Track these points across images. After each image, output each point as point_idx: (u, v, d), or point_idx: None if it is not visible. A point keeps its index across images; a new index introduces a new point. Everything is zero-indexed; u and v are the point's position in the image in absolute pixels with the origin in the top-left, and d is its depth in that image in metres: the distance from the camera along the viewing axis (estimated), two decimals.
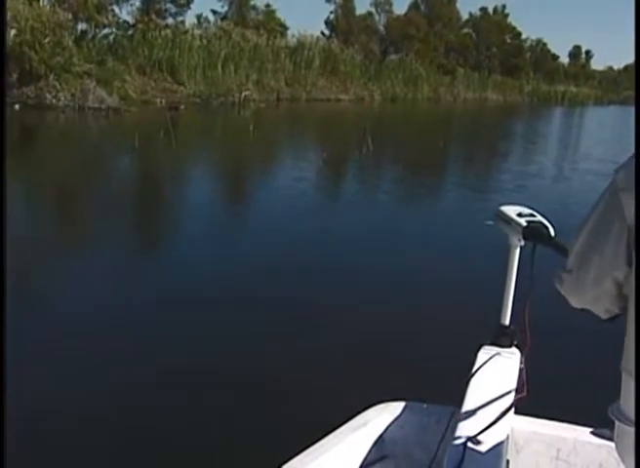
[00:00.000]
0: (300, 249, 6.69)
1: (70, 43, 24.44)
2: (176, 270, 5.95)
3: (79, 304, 4.94)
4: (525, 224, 2.08)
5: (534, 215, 2.14)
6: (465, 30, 55.37)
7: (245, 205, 9.47)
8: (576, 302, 1.21)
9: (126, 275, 5.75)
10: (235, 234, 7.52)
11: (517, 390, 1.97)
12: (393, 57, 46.34)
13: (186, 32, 32.25)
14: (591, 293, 1.15)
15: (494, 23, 55.45)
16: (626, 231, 1.01)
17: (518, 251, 2.20)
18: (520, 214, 2.15)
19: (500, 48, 57.26)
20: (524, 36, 62.75)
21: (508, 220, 2.16)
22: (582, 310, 1.25)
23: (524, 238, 2.10)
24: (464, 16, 55.52)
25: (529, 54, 64.09)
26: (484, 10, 56.04)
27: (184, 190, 10.44)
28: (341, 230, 7.67)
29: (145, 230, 7.95)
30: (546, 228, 2.06)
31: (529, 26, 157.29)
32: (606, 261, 1.07)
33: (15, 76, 21.80)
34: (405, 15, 49.31)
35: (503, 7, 57.79)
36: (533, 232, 2.06)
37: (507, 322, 2.26)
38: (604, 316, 1.19)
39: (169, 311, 4.86)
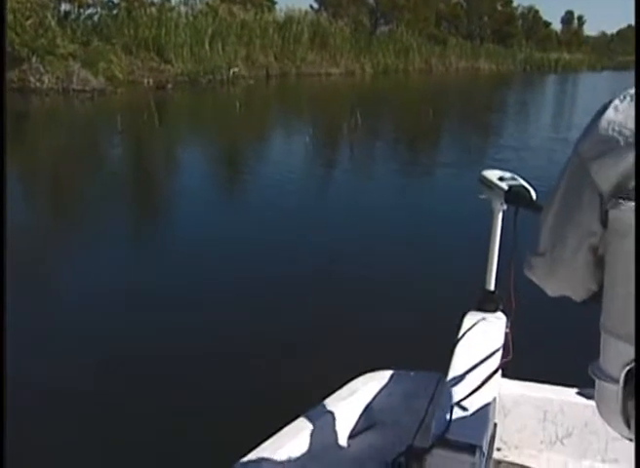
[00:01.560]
0: (287, 223, 6.73)
1: (53, 24, 24.06)
2: (168, 251, 5.96)
3: (75, 286, 4.99)
4: (506, 188, 2.08)
5: (515, 179, 2.15)
6: None
7: (229, 184, 9.34)
8: (552, 287, 1.19)
9: (117, 257, 5.73)
10: (222, 211, 7.49)
11: (503, 354, 1.99)
12: (384, 28, 45.78)
13: (172, 10, 31.74)
14: (569, 270, 1.11)
15: None
16: (598, 197, 0.99)
17: (501, 215, 2.21)
18: (501, 179, 2.14)
19: (491, 16, 56.65)
20: (515, 4, 62.11)
21: (490, 185, 2.16)
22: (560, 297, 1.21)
23: (506, 202, 2.11)
24: None
25: (521, 21, 63.46)
26: None
27: (168, 171, 10.33)
28: (326, 203, 7.76)
29: (131, 211, 7.82)
30: (528, 191, 2.06)
31: None
32: (581, 230, 1.05)
33: None
34: None
35: None
36: (514, 196, 2.06)
37: (492, 287, 2.27)
38: (584, 296, 1.16)
39: (161, 291, 4.86)
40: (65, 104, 20.37)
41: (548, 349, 3.67)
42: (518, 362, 1.95)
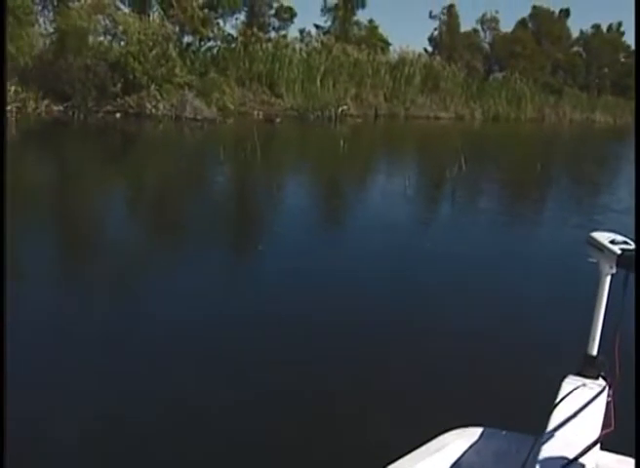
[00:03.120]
0: (378, 266, 6.56)
1: (174, 55, 25.19)
2: (253, 281, 5.98)
3: (173, 307, 5.03)
4: (619, 252, 2.01)
5: (628, 243, 2.07)
6: (575, 48, 53.37)
7: (319, 222, 9.18)
8: None
9: (203, 283, 5.76)
10: (310, 249, 7.31)
11: (604, 424, 1.86)
12: (497, 75, 45.23)
13: (287, 46, 32.60)
14: None
15: (607, 42, 53.13)
16: None
17: (609, 279, 2.10)
18: (613, 242, 2.07)
19: (612, 67, 54.82)
20: None
21: (601, 247, 2.09)
22: None
23: (617, 266, 2.03)
24: (575, 33, 53.60)
25: None
26: (596, 27, 53.84)
27: (257, 205, 10.40)
28: (422, 250, 7.49)
29: (213, 239, 7.81)
30: None
31: None
32: None
33: (119, 86, 22.65)
34: (512, 32, 48.08)
35: (619, 24, 55.16)
36: (627, 260, 1.98)
37: (595, 352, 2.16)
38: None
39: (259, 322, 4.79)
40: (176, 131, 21.17)
41: None
42: (619, 434, 1.79)
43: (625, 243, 2.07)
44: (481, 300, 5.63)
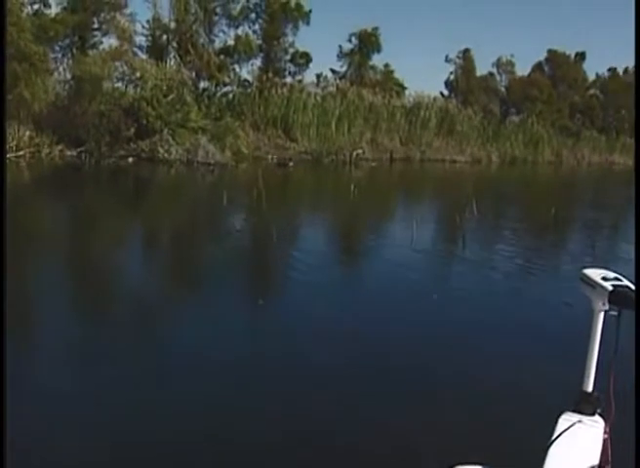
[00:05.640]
0: (379, 312, 6.64)
1: (190, 99, 25.35)
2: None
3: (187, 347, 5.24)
4: (611, 289, 2.02)
5: (619, 280, 2.08)
6: (592, 91, 53.26)
7: (318, 274, 8.81)
8: None
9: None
10: (312, 299, 7.19)
11: (601, 462, 1.87)
12: (514, 118, 45.16)
13: (302, 90, 32.77)
14: None
15: (623, 84, 52.93)
16: None
17: (602, 315, 2.11)
18: (605, 278, 2.08)
19: (629, 109, 54.60)
20: None
21: (593, 284, 2.09)
22: None
23: (609, 302, 2.04)
24: (591, 76, 53.55)
25: None
26: (613, 70, 53.83)
27: (248, 253, 10.36)
28: (426, 294, 7.47)
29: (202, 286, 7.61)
30: (634, 293, 1.98)
31: None
32: None
33: (132, 131, 22.75)
34: (528, 76, 48.15)
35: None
36: (619, 297, 2.00)
37: (590, 389, 2.16)
38: None
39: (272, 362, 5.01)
40: (187, 176, 21.23)
41: None
42: None
43: (617, 279, 2.07)
44: (481, 339, 5.73)
